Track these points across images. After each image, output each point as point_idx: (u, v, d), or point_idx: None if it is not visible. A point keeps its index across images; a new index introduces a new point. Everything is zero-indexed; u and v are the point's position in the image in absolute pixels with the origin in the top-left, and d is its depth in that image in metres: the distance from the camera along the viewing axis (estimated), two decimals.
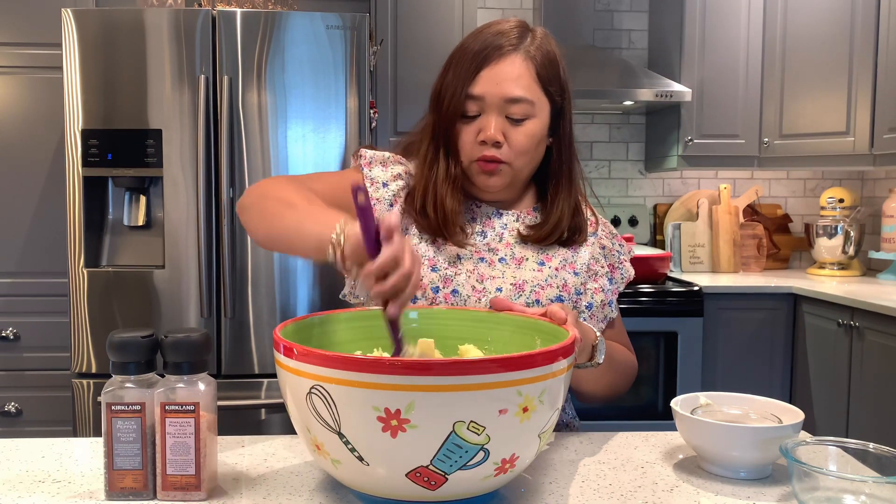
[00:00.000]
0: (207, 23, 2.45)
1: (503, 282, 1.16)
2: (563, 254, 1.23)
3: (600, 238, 1.29)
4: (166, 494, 0.85)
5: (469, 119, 1.16)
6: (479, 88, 1.13)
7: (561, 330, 0.91)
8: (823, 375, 2.78)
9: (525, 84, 1.14)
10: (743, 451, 0.92)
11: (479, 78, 1.14)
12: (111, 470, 0.85)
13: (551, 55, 1.17)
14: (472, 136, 1.16)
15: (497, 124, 1.14)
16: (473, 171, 1.18)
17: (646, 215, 3.48)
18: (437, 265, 1.16)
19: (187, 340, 0.85)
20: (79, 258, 2.45)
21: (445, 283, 1.15)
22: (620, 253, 1.30)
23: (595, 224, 1.29)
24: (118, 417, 0.84)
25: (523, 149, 1.15)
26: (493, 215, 1.24)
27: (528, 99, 1.14)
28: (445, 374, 0.72)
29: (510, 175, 1.18)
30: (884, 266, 3.24)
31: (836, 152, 3.03)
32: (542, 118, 1.17)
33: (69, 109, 2.43)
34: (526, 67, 1.14)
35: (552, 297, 1.17)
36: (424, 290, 1.15)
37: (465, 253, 1.19)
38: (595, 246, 1.27)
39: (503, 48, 1.14)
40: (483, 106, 1.14)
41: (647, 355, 2.84)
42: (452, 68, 1.16)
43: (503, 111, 1.14)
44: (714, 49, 3.17)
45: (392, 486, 0.77)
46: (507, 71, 1.13)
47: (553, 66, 1.17)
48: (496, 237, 1.22)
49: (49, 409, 2.72)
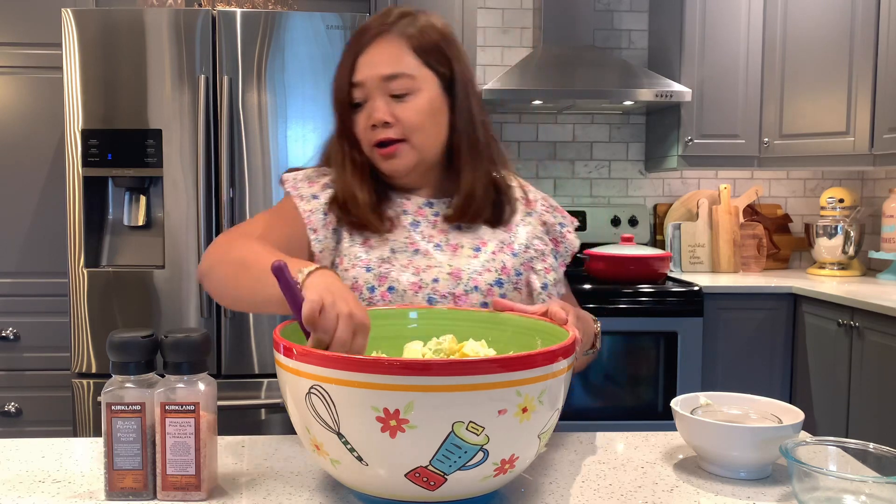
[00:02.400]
0: (207, 23, 2.45)
1: (440, 271, 1.16)
2: (499, 236, 1.23)
3: (541, 214, 1.28)
4: (166, 494, 0.85)
5: (358, 107, 1.18)
6: (359, 75, 1.16)
7: (561, 330, 0.91)
8: (823, 375, 2.78)
9: (399, 59, 1.16)
10: (743, 451, 0.92)
11: (357, 65, 1.17)
12: (111, 470, 0.85)
13: (431, 31, 1.20)
14: (364, 124, 1.17)
15: (381, 105, 1.15)
16: (376, 159, 1.19)
17: (646, 215, 3.48)
18: (371, 265, 1.16)
19: (187, 340, 0.85)
20: (79, 258, 2.45)
21: (380, 280, 1.15)
22: (563, 226, 1.30)
23: (531, 202, 1.29)
24: (118, 417, 0.84)
25: (414, 124, 1.16)
26: (425, 205, 1.24)
27: (406, 73, 1.16)
28: (445, 375, 0.72)
29: (413, 154, 1.17)
30: (884, 266, 3.24)
31: (836, 152, 3.03)
32: (429, 91, 1.17)
33: (69, 109, 2.44)
34: (400, 44, 1.17)
35: (491, 281, 1.17)
36: (360, 291, 1.15)
37: (398, 246, 1.19)
38: (534, 225, 1.27)
39: (377, 32, 1.17)
40: (366, 91, 1.16)
41: (647, 355, 2.84)
42: (341, 61, 1.19)
43: (385, 91, 1.16)
44: (714, 49, 3.17)
45: (391, 487, 0.77)
46: (380, 51, 1.16)
47: (432, 40, 1.19)
48: (429, 226, 1.22)
49: (49, 409, 2.72)
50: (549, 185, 3.52)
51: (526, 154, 3.51)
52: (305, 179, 1.25)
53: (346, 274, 1.17)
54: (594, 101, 3.18)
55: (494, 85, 3.02)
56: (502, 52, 3.47)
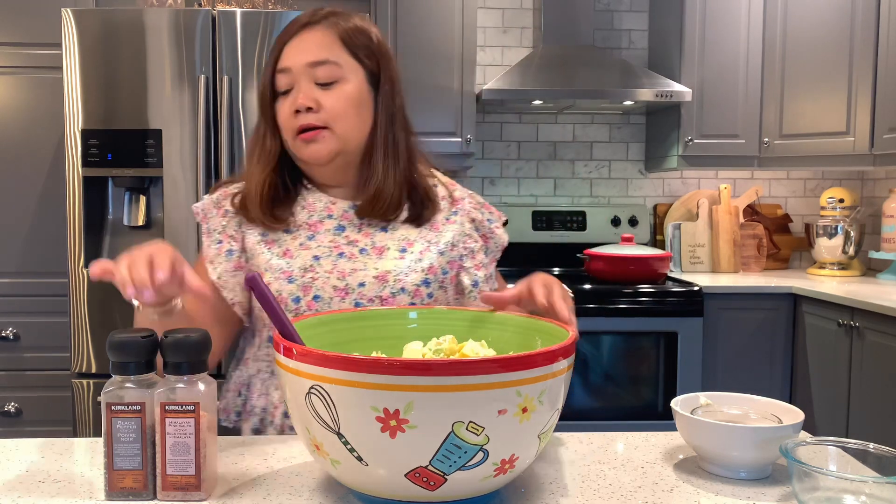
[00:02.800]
0: (207, 23, 2.45)
1: (366, 275, 1.17)
2: (426, 235, 1.23)
3: (468, 212, 1.28)
4: (166, 495, 0.85)
5: (284, 95, 1.18)
6: (285, 61, 1.17)
7: (561, 330, 0.91)
8: (823, 375, 2.78)
9: (327, 47, 1.17)
10: (743, 451, 0.92)
11: (284, 52, 1.18)
12: (111, 470, 0.85)
13: (359, 27, 1.21)
14: (288, 110, 1.18)
15: (306, 91, 1.16)
16: (298, 147, 1.19)
17: (646, 215, 3.48)
18: (293, 276, 1.16)
19: (187, 340, 0.85)
20: (79, 258, 2.45)
21: (305, 291, 1.15)
22: (492, 221, 1.29)
23: (456, 200, 1.29)
24: (118, 417, 0.84)
25: (340, 111, 1.17)
26: (350, 209, 1.24)
27: (332, 60, 1.17)
28: (444, 375, 0.72)
29: (334, 142, 1.18)
30: (884, 266, 3.24)
31: (836, 152, 3.03)
32: (355, 82, 1.19)
33: (69, 109, 2.44)
34: (327, 34, 1.18)
35: (417, 282, 1.18)
36: (286, 303, 1.15)
37: (323, 252, 1.19)
38: (462, 223, 1.26)
39: (306, 23, 1.19)
40: (292, 78, 1.17)
41: (647, 355, 2.84)
42: (269, 57, 1.21)
43: (311, 77, 1.17)
44: (714, 49, 3.17)
45: (391, 487, 0.77)
46: (308, 40, 1.18)
47: (359, 33, 1.20)
48: (355, 229, 1.22)
49: (49, 409, 2.72)
50: (549, 185, 3.52)
51: (526, 154, 3.51)
52: (212, 206, 1.25)
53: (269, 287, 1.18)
54: (594, 101, 3.18)
55: (494, 85, 3.02)
56: (502, 52, 3.47)
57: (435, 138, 3.03)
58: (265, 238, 1.21)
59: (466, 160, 3.07)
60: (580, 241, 3.36)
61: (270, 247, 1.20)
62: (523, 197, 3.52)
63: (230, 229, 1.22)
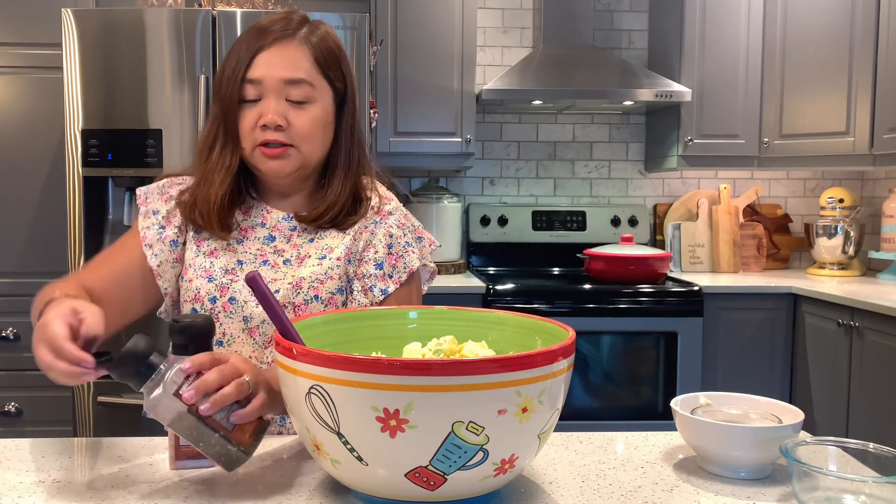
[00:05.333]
0: (207, 23, 2.45)
1: (282, 283, 1.17)
2: (346, 243, 1.21)
3: (389, 227, 1.24)
4: (179, 464, 0.95)
5: (249, 104, 1.16)
6: (257, 72, 1.14)
7: (561, 330, 0.91)
8: (823, 375, 2.78)
9: (304, 67, 1.15)
10: (743, 451, 0.92)
11: (256, 61, 1.14)
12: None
13: (331, 45, 1.19)
14: (252, 121, 1.15)
15: (277, 107, 1.14)
16: (257, 158, 1.16)
17: (646, 215, 3.48)
18: (213, 275, 1.17)
19: (194, 325, 0.92)
20: (79, 258, 2.45)
21: (222, 291, 1.17)
22: (409, 245, 1.24)
23: (382, 213, 1.25)
24: None
25: (307, 133, 1.15)
26: (283, 219, 1.23)
27: (307, 81, 1.15)
28: (444, 375, 0.72)
29: (299, 160, 1.17)
30: (884, 266, 3.24)
31: (835, 152, 3.03)
32: (324, 103, 1.17)
33: (69, 109, 2.44)
34: (303, 52, 1.16)
35: (332, 289, 1.18)
36: (202, 301, 1.16)
37: (248, 258, 1.19)
38: (379, 236, 1.22)
39: (281, 34, 1.16)
40: (262, 90, 1.14)
41: (647, 355, 2.84)
42: (230, 56, 1.17)
43: (283, 94, 1.15)
44: (714, 49, 3.17)
45: (391, 487, 0.77)
46: (284, 54, 1.15)
47: (332, 54, 1.19)
48: (284, 240, 1.22)
49: (49, 409, 2.72)
50: (549, 185, 3.52)
51: (526, 154, 3.51)
52: (157, 191, 1.24)
53: (189, 285, 1.19)
54: (594, 101, 3.18)
55: (494, 85, 3.02)
56: (502, 52, 3.47)
57: (435, 138, 3.03)
58: (198, 235, 1.21)
59: (466, 160, 3.07)
60: (580, 241, 3.36)
61: (199, 244, 1.21)
62: (523, 197, 3.52)
63: (175, 219, 1.22)
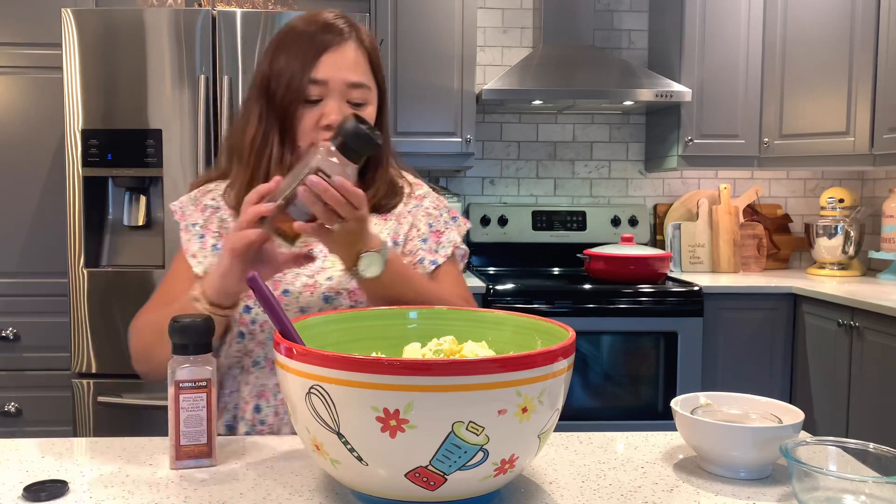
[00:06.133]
0: (207, 23, 2.45)
1: (333, 270, 1.21)
2: (392, 227, 1.27)
3: (426, 208, 1.31)
4: (180, 463, 0.95)
5: (310, 104, 1.18)
6: (323, 73, 1.17)
7: (561, 330, 0.90)
8: (823, 375, 2.78)
9: (363, 70, 1.20)
10: (743, 451, 0.92)
11: (321, 63, 1.17)
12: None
13: (376, 45, 1.26)
14: (312, 121, 1.18)
15: (340, 108, 1.17)
16: None
17: (646, 215, 3.48)
18: None
19: (194, 324, 0.94)
20: (79, 258, 2.45)
21: (274, 285, 1.19)
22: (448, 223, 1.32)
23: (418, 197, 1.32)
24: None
25: None
26: None
27: (367, 84, 1.20)
28: (444, 375, 0.72)
29: None
30: (884, 266, 3.24)
31: (836, 152, 3.03)
32: (374, 103, 1.23)
33: (69, 109, 2.44)
34: (361, 54, 1.21)
35: None
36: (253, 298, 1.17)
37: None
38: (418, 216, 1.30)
39: (341, 35, 1.19)
40: (325, 91, 1.17)
41: (647, 355, 2.84)
42: (285, 54, 1.19)
43: (344, 96, 1.18)
44: (714, 49, 3.17)
45: (391, 487, 0.77)
46: (347, 57, 1.19)
47: (378, 55, 1.25)
48: None
49: (49, 409, 2.72)
50: (549, 185, 3.52)
51: (526, 154, 3.51)
52: (190, 203, 1.27)
53: None
54: (594, 101, 3.18)
55: (494, 85, 3.02)
56: (502, 52, 3.47)
57: (435, 138, 3.03)
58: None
59: (466, 160, 3.07)
60: (580, 241, 3.36)
61: None
62: (523, 197, 3.52)
63: (212, 225, 1.25)
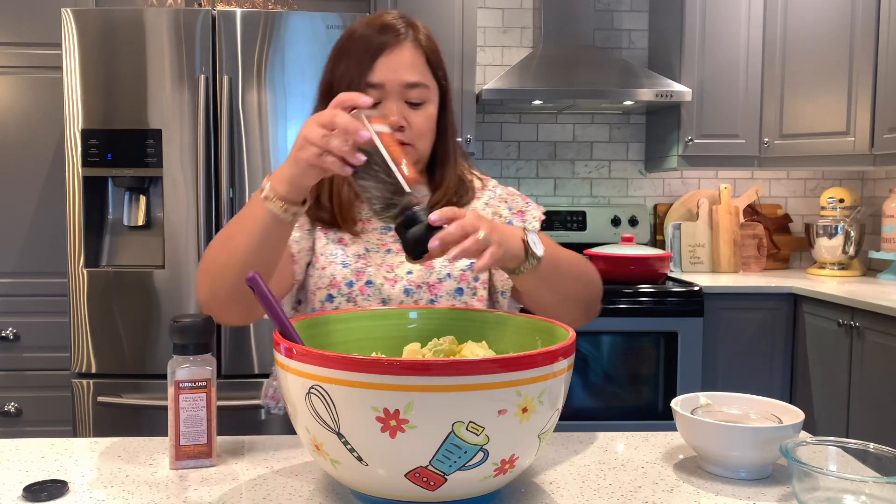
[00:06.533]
0: (207, 23, 2.45)
1: (413, 266, 1.22)
2: None
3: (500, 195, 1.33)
4: (179, 463, 0.95)
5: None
6: (379, 76, 1.18)
7: (561, 330, 0.90)
8: (823, 375, 2.78)
9: (420, 69, 1.21)
10: (743, 451, 0.92)
11: (377, 66, 1.19)
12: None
13: (435, 44, 1.27)
14: None
15: (399, 110, 1.19)
16: None
17: (646, 215, 3.48)
18: (347, 261, 1.22)
19: (194, 324, 0.94)
20: (79, 258, 2.45)
21: (358, 275, 1.21)
22: (528, 204, 1.34)
23: (489, 189, 1.34)
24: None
25: (424, 131, 1.22)
26: None
27: (424, 83, 1.21)
28: (444, 375, 0.72)
29: (416, 156, 1.22)
30: (884, 266, 3.24)
31: (836, 152, 3.03)
32: (434, 101, 1.24)
33: (69, 109, 2.44)
34: (418, 54, 1.22)
35: (463, 266, 1.22)
36: (338, 287, 1.20)
37: (371, 247, 1.24)
38: (495, 205, 1.32)
39: (396, 38, 1.21)
40: (383, 93, 1.19)
41: (647, 355, 2.84)
42: (344, 60, 1.21)
43: (402, 96, 1.20)
44: (714, 49, 3.17)
45: (391, 487, 0.77)
46: (402, 58, 1.20)
47: (437, 53, 1.26)
48: None
49: (49, 409, 2.72)
50: (549, 185, 3.52)
51: (526, 154, 3.51)
52: None
53: (322, 272, 1.22)
54: (594, 101, 3.18)
55: (494, 85, 3.02)
56: (502, 52, 3.47)
57: None
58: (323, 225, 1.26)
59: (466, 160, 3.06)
60: (580, 241, 3.36)
61: (326, 232, 1.25)
62: None
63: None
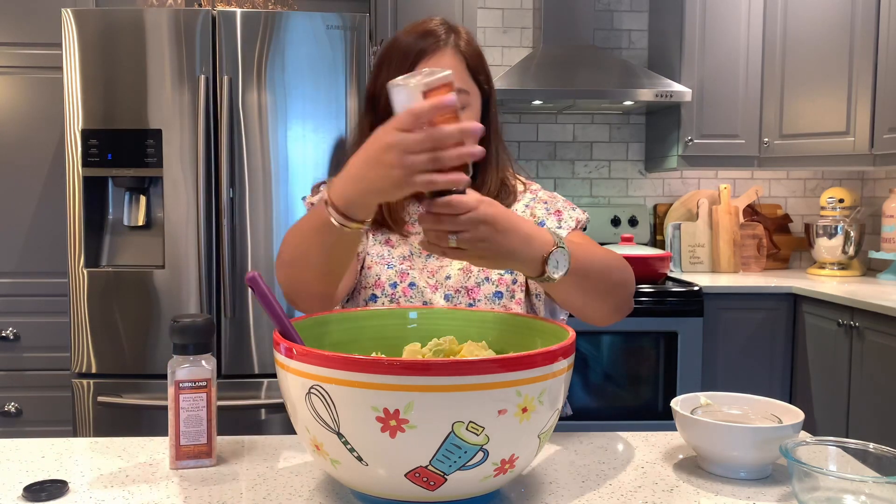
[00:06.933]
0: (207, 23, 2.45)
1: (452, 269, 1.23)
2: None
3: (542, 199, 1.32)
4: (180, 463, 0.95)
5: None
6: None
7: (561, 330, 0.90)
8: (823, 375, 2.78)
9: (460, 76, 1.21)
10: (743, 451, 0.92)
11: None
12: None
13: (477, 49, 1.27)
14: None
15: None
16: None
17: (646, 215, 3.48)
18: (392, 262, 1.23)
19: (194, 325, 0.94)
20: (79, 258, 2.45)
21: (402, 277, 1.22)
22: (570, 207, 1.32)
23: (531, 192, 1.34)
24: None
25: None
26: None
27: (464, 89, 1.21)
28: (444, 375, 0.72)
29: None
30: (884, 266, 3.24)
31: (836, 152, 3.03)
32: (476, 106, 1.25)
33: (69, 109, 2.44)
34: (458, 60, 1.23)
35: (501, 271, 1.22)
36: (383, 287, 1.21)
37: (414, 250, 1.26)
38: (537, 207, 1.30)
39: (436, 44, 1.21)
40: None
41: (647, 355, 2.84)
42: (385, 68, 1.21)
43: None
44: (714, 49, 3.17)
45: (391, 487, 0.77)
46: (442, 63, 1.20)
47: (479, 58, 1.27)
48: None
49: (49, 409, 2.72)
50: (549, 185, 3.52)
51: (526, 154, 3.51)
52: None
53: (368, 272, 1.24)
54: (594, 101, 3.18)
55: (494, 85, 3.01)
56: (502, 52, 3.47)
57: None
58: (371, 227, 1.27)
59: None
60: None
61: (374, 234, 1.27)
62: None
63: None
